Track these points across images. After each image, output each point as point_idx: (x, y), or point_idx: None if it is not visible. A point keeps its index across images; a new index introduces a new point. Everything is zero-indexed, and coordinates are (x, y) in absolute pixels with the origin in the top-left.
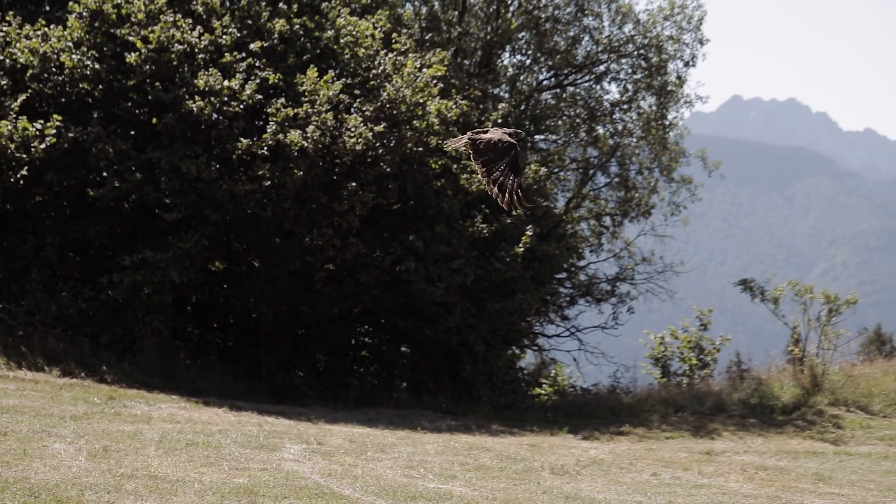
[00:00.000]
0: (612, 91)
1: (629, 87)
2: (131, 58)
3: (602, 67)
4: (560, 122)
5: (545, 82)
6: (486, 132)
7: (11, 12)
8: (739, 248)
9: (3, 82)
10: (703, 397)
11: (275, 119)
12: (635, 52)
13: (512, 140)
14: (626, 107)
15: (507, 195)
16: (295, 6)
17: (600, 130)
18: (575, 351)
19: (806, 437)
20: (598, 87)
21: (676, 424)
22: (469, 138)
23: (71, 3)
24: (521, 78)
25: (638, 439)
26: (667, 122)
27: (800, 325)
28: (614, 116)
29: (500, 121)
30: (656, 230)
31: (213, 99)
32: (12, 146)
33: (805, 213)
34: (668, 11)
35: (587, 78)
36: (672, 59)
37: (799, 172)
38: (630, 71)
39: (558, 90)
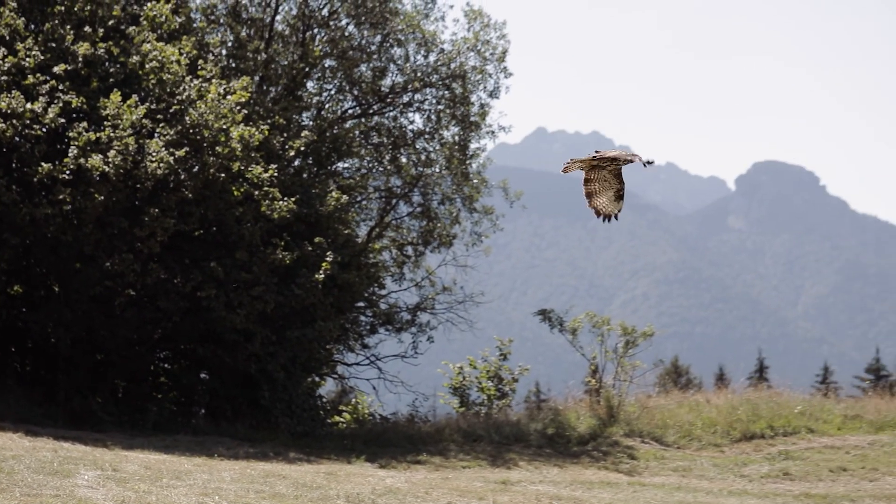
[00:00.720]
0: (417, 120)
1: (433, 116)
2: None
3: (406, 97)
4: (364, 151)
5: (350, 111)
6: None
7: None
8: (542, 279)
9: None
10: (500, 427)
11: (76, 143)
12: (440, 82)
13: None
14: (429, 136)
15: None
16: (100, 30)
17: (403, 160)
18: (375, 379)
19: (601, 467)
20: (403, 116)
21: (474, 454)
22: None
23: None
24: (327, 106)
25: (435, 468)
26: (469, 153)
27: (597, 356)
28: (418, 146)
29: (302, 148)
30: (458, 260)
31: (14, 121)
32: None
33: (607, 244)
34: (472, 42)
35: (392, 107)
36: (476, 90)
37: None
38: (434, 101)
39: (363, 119)
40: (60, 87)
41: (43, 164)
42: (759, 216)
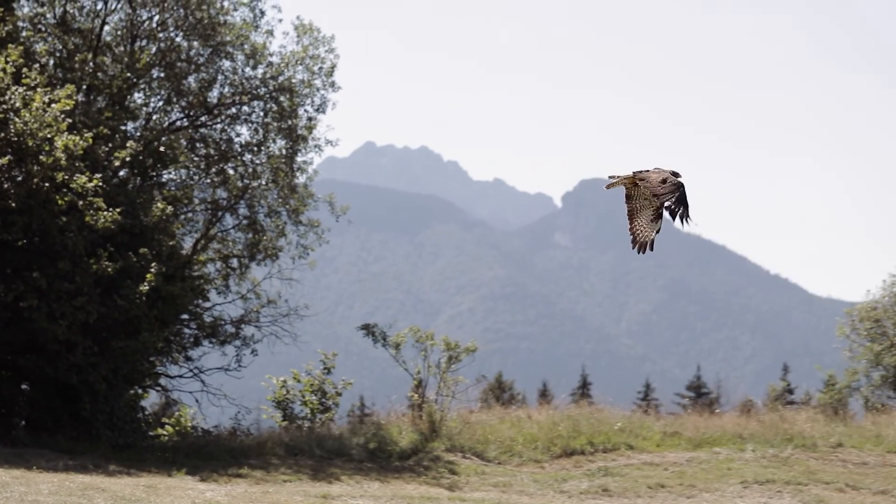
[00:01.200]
0: (244, 133)
1: (260, 129)
2: None
3: (234, 110)
4: (190, 162)
5: (178, 122)
6: (648, 171)
7: None
8: (369, 293)
9: None
10: (323, 441)
11: None
12: (267, 95)
13: (679, 179)
14: (256, 149)
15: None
16: None
17: (230, 171)
18: (198, 392)
19: (422, 482)
20: (230, 128)
21: (296, 467)
22: (633, 173)
23: None
24: (155, 117)
25: (256, 482)
26: (296, 166)
27: (421, 370)
28: (244, 158)
29: (127, 159)
30: (283, 273)
31: None
32: None
33: (434, 259)
34: (300, 55)
35: (219, 120)
36: (303, 104)
37: (429, 220)
38: (262, 113)
39: (191, 130)
40: None
41: None
42: (586, 233)
